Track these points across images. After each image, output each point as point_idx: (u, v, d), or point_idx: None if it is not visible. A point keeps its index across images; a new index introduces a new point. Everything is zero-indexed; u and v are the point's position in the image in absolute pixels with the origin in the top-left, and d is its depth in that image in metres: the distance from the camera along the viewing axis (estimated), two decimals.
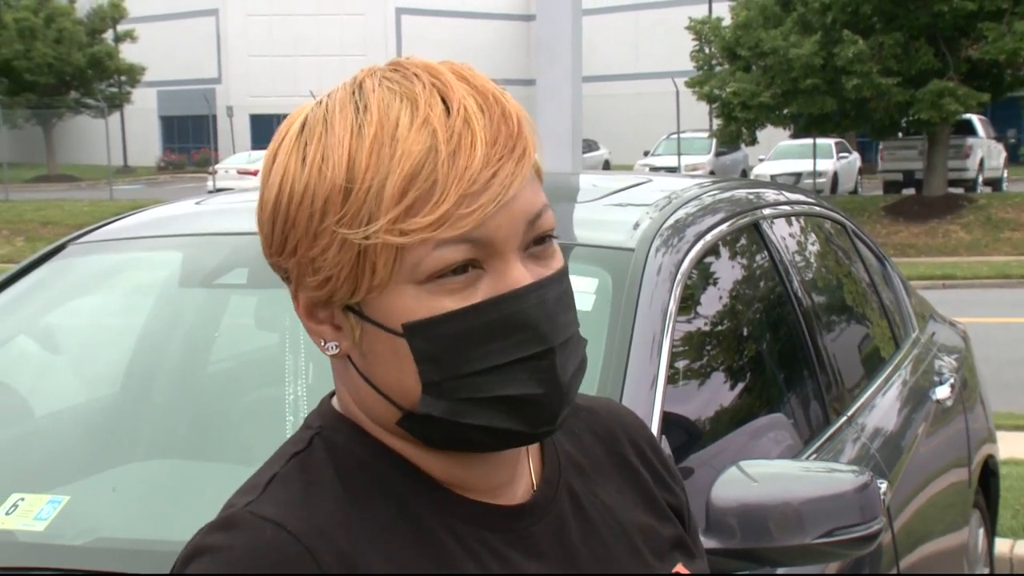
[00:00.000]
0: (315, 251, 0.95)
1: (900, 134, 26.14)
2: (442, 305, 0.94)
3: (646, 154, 33.74)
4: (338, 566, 0.93)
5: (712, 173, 28.66)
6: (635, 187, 2.81)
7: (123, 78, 43.00)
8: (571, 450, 1.12)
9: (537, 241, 0.97)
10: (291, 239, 0.97)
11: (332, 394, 1.07)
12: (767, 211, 2.87)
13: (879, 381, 3.13)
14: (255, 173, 31.06)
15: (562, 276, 0.99)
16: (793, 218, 3.13)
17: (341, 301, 0.97)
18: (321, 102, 1.00)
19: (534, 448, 1.09)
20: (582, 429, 1.14)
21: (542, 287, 0.96)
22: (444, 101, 0.94)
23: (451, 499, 1.01)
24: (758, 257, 2.74)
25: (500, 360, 0.95)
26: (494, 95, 0.96)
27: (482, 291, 0.95)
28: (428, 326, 0.94)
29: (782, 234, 2.90)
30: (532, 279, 0.96)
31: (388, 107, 0.94)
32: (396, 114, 0.94)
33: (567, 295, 0.99)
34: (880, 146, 27.92)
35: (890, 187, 27.06)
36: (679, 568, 1.11)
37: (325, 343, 1.00)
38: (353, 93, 0.97)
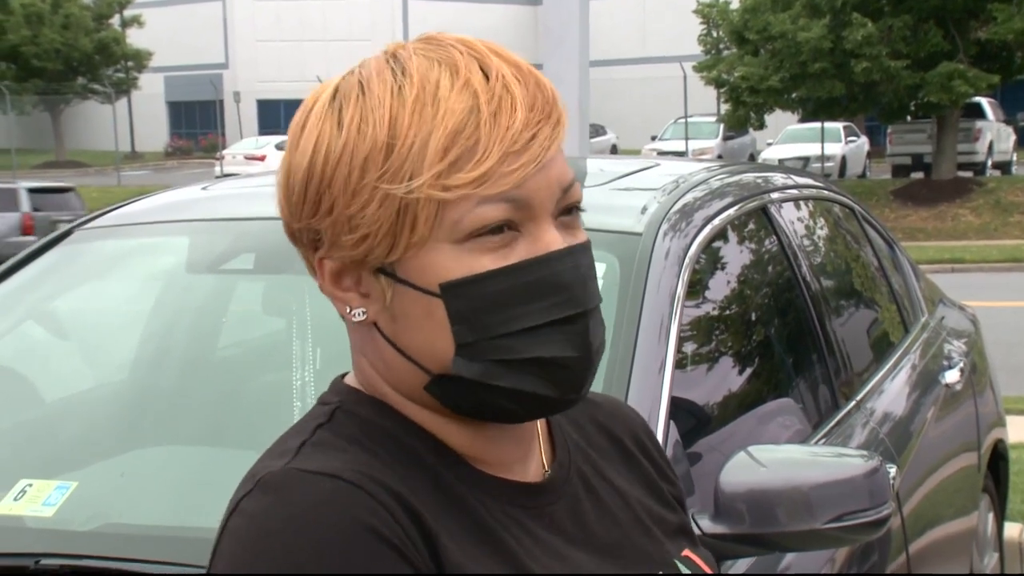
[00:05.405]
0: (353, 208, 0.96)
1: (909, 117, 26.04)
2: (480, 264, 0.95)
3: (653, 139, 33.70)
4: (402, 514, 0.92)
5: (720, 157, 28.58)
6: (642, 171, 2.80)
7: (130, 64, 43.03)
8: (577, 438, 1.12)
9: (566, 212, 0.99)
10: (326, 199, 0.97)
11: (343, 376, 1.07)
12: (775, 195, 2.86)
13: (888, 366, 3.11)
14: (263, 158, 31.10)
15: (589, 247, 1.01)
16: (801, 202, 3.11)
17: (376, 261, 0.97)
18: (352, 72, 1.01)
19: (543, 432, 1.09)
20: (585, 420, 1.15)
21: (576, 252, 0.98)
22: (482, 69, 0.96)
23: (472, 471, 1.01)
24: (766, 241, 2.73)
25: (535, 321, 0.96)
26: (528, 67, 0.99)
27: (518, 253, 0.96)
28: (466, 285, 0.95)
29: (790, 218, 2.89)
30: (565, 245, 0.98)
31: (428, 71, 0.96)
32: (436, 77, 0.96)
33: (593, 267, 1.01)
34: (889, 130, 27.84)
35: (899, 171, 27.00)
36: (687, 553, 1.12)
37: (351, 310, 1.00)
38: (388, 61, 0.99)
